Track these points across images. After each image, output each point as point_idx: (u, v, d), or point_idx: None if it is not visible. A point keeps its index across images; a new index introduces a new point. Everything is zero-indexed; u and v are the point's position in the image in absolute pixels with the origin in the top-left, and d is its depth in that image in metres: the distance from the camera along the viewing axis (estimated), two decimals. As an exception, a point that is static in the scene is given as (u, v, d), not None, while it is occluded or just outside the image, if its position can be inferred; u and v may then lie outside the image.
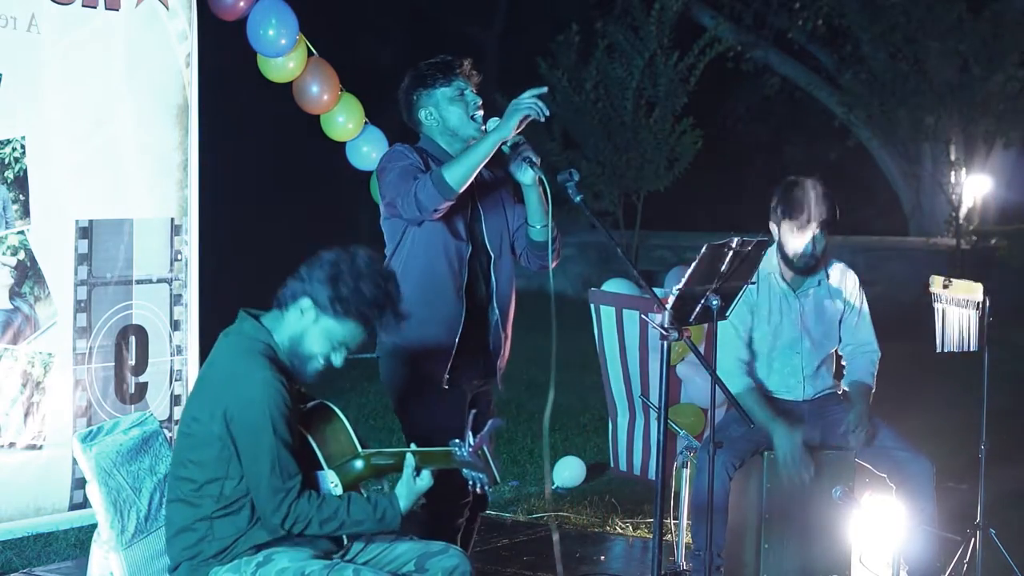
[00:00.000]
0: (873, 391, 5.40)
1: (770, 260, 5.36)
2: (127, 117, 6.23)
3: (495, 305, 4.66)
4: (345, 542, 3.91)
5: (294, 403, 3.79)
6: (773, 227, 5.39)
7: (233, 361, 3.78)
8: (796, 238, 5.30)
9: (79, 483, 5.87)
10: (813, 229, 5.25)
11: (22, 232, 5.89)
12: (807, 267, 5.34)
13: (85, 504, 5.80)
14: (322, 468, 3.82)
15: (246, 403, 3.69)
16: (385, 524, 3.82)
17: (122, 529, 3.89)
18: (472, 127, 4.55)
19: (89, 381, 6.11)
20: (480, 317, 4.65)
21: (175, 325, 6.42)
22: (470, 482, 3.82)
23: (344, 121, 7.02)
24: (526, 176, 4.49)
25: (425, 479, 3.84)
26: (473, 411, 3.92)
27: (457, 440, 3.78)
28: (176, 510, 3.82)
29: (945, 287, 5.29)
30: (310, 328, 3.81)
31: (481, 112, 4.58)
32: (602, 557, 6.05)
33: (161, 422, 4.38)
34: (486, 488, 3.81)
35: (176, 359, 6.42)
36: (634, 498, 6.79)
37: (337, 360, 3.86)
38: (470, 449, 3.74)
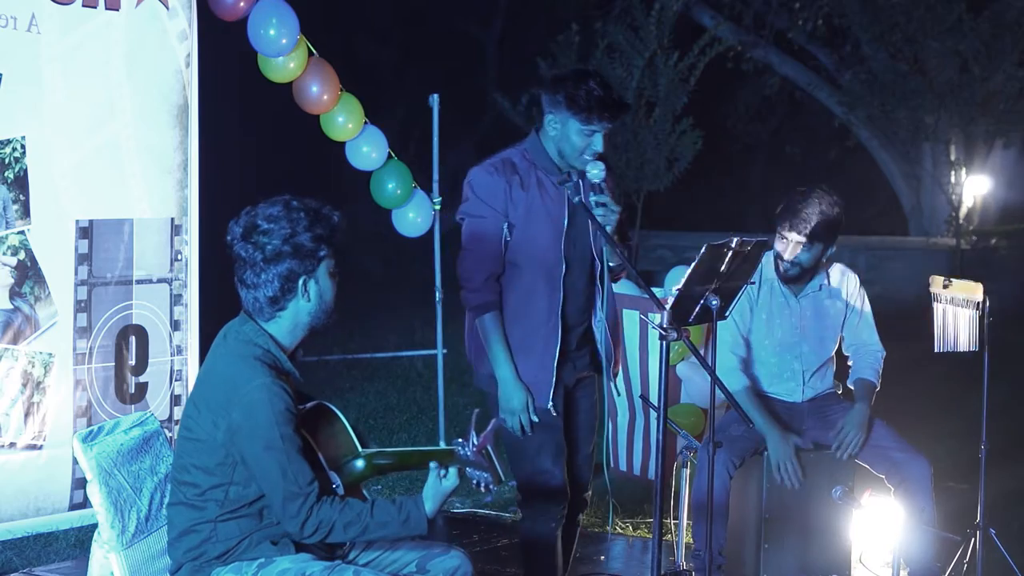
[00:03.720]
0: (877, 389, 5.40)
1: (772, 264, 5.37)
2: (127, 117, 6.23)
3: (602, 316, 4.71)
4: (346, 545, 3.89)
5: (295, 405, 3.77)
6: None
7: (231, 367, 3.73)
8: (782, 243, 5.32)
9: (79, 483, 5.88)
10: (799, 238, 5.25)
11: (22, 232, 5.89)
12: (788, 274, 5.34)
13: (85, 504, 5.80)
14: (323, 469, 3.80)
15: (249, 411, 3.63)
16: (410, 527, 3.73)
17: (122, 529, 3.89)
18: (580, 163, 4.56)
19: (89, 381, 6.11)
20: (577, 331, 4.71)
21: (175, 325, 6.42)
22: (474, 482, 3.81)
23: (344, 121, 7.02)
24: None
25: (452, 478, 3.76)
26: (476, 410, 3.90)
27: (460, 439, 3.77)
28: (179, 513, 3.79)
29: (945, 287, 5.28)
30: (321, 290, 3.79)
31: (596, 160, 4.54)
32: (602, 557, 6.04)
33: (161, 422, 4.37)
34: (491, 487, 3.79)
35: (176, 359, 6.42)
36: (634, 498, 6.78)
37: (334, 281, 3.86)
38: (473, 448, 3.72)
